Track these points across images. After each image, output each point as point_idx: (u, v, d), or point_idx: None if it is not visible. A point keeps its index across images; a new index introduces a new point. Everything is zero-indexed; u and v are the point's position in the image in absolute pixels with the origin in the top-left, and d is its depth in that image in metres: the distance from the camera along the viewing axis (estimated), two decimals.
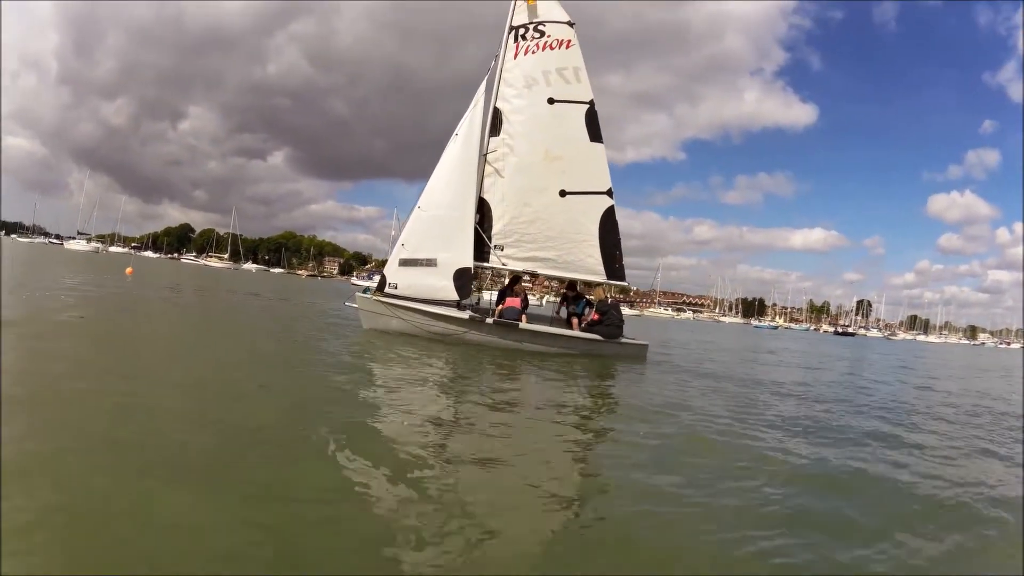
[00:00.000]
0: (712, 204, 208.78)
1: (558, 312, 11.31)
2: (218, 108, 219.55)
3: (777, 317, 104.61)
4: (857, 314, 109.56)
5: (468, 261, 10.17)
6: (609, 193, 10.50)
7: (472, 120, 10.32)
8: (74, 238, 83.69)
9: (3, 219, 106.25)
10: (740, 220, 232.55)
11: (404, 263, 10.36)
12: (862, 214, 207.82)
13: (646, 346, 10.63)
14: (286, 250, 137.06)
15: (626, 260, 10.77)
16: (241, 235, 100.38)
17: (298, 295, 26.34)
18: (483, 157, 10.49)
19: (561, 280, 11.99)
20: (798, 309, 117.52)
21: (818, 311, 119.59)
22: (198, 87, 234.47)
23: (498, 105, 10.49)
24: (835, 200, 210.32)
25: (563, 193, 10.40)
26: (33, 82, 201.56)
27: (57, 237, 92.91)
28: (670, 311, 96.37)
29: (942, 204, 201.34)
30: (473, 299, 11.06)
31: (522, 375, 7.98)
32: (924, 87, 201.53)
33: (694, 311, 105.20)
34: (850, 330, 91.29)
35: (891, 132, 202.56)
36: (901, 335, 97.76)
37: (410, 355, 8.20)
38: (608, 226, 10.50)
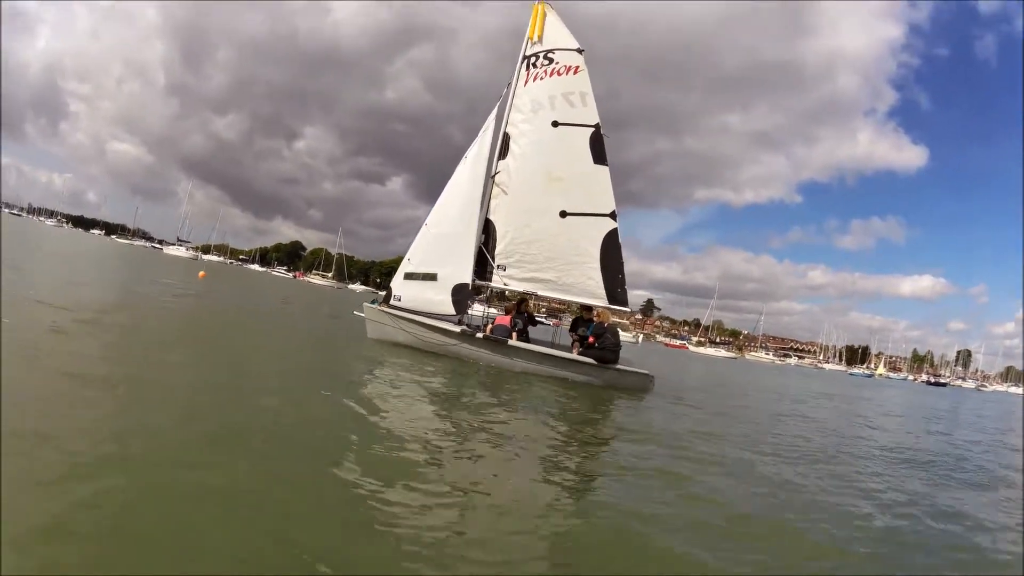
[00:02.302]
0: (826, 249, 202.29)
1: (571, 333, 11.09)
2: (335, 129, 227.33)
3: (880, 365, 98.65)
4: (957, 364, 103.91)
5: (466, 277, 10.33)
6: (612, 216, 10.35)
7: (482, 144, 10.68)
8: (174, 244, 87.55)
9: (107, 220, 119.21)
10: (853, 266, 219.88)
11: (408, 277, 10.70)
12: (969, 261, 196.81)
13: (647, 376, 10.09)
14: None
15: (740, 303, 10.80)
16: (353, 256, 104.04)
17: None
18: (491, 179, 10.79)
19: (562, 302, 11.81)
20: (903, 358, 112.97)
21: (920, 360, 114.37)
22: (314, 107, 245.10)
23: (507, 130, 10.81)
24: (943, 246, 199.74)
25: (563, 214, 10.40)
26: (138, 89, 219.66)
27: (160, 242, 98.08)
28: (771, 356, 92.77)
29: None
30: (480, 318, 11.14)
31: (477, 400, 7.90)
32: None
33: (799, 357, 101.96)
34: (943, 380, 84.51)
35: (998, 174, 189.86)
36: (992, 387, 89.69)
37: (400, 364, 8.41)
38: (610, 249, 10.31)
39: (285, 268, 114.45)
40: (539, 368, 9.72)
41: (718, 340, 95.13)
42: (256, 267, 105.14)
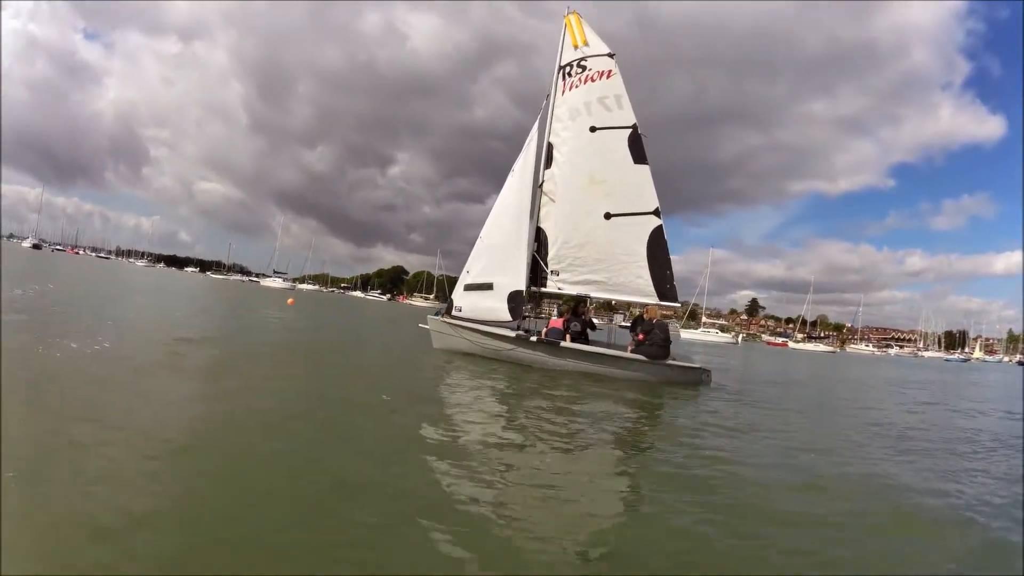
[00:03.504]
0: (921, 232, 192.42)
1: (631, 333, 11.25)
2: (428, 153, 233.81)
3: (977, 349, 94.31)
4: None
5: (521, 285, 10.87)
6: (656, 213, 10.39)
7: (527, 156, 11.19)
8: (270, 276, 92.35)
9: (201, 258, 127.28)
10: (948, 248, 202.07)
11: (467, 288, 11.45)
12: None
13: (700, 370, 10.00)
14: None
15: (844, 296, 10.85)
16: (455, 277, 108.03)
17: None
18: (539, 188, 11.25)
19: (609, 303, 11.93)
20: (998, 340, 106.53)
21: (1015, 340, 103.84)
22: (404, 133, 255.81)
23: (551, 140, 11.23)
24: None
25: (608, 215, 10.60)
26: (220, 130, 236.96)
27: (258, 275, 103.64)
28: (871, 347, 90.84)
29: None
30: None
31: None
32: None
33: (900, 347, 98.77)
34: None
35: None
36: None
37: (458, 369, 9.16)
38: (657, 246, 10.35)
39: (379, 292, 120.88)
40: (592, 368, 10.00)
41: (821, 335, 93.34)
42: (358, 294, 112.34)
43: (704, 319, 78.30)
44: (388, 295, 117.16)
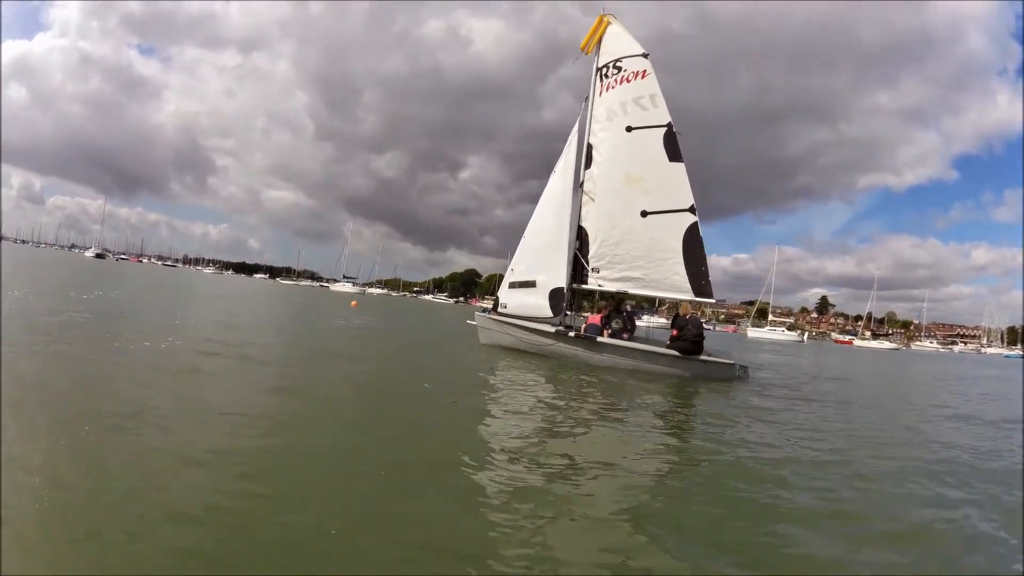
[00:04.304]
0: (985, 225, 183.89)
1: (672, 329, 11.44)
2: (498, 156, 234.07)
3: None
4: None
5: (561, 282, 11.34)
6: (691, 210, 10.47)
7: (567, 157, 11.60)
8: (339, 281, 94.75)
9: (270, 264, 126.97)
10: (1012, 240, 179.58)
11: (512, 285, 12.06)
12: None
13: (734, 366, 10.04)
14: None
15: (912, 292, 10.68)
16: None
17: None
18: (579, 188, 11.64)
19: (648, 299, 12.07)
20: None
21: None
22: (473, 137, 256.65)
23: (590, 140, 11.56)
24: None
25: (644, 213, 10.81)
26: (288, 139, 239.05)
27: (328, 280, 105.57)
28: (935, 344, 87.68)
29: None
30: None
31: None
32: None
33: (964, 343, 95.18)
34: None
35: None
36: None
37: (503, 364, 9.87)
38: (692, 242, 10.45)
39: (446, 295, 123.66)
40: (628, 362, 10.31)
41: (889, 332, 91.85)
42: (429, 297, 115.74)
43: (771, 317, 76.43)
44: (457, 298, 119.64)
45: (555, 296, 11.37)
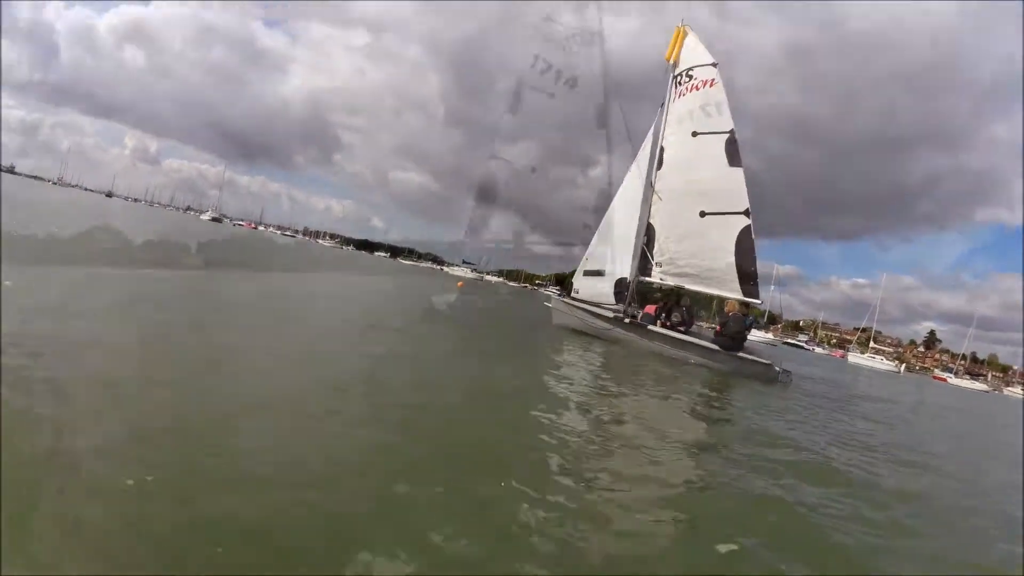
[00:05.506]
0: None
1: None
2: (629, 156, 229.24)
3: None
4: None
5: (626, 272, 12.54)
6: (746, 213, 10.95)
7: (641, 158, 12.64)
8: (457, 265, 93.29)
9: (393, 244, 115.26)
10: None
11: (585, 273, 13.49)
12: None
13: (771, 367, 10.42)
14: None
15: (1018, 336, 10.72)
16: None
17: None
18: (651, 187, 12.61)
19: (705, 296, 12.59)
20: None
21: None
22: (604, 135, 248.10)
23: (662, 143, 12.44)
24: None
25: (703, 214, 11.50)
26: (417, 121, 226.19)
27: (449, 264, 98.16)
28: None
29: None
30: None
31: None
32: None
33: None
34: None
35: None
36: None
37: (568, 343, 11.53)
38: (744, 244, 10.96)
39: (557, 290, 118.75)
40: (672, 351, 11.21)
41: (984, 374, 78.77)
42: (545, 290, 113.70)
43: (872, 344, 68.75)
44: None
45: (620, 285, 12.60)
